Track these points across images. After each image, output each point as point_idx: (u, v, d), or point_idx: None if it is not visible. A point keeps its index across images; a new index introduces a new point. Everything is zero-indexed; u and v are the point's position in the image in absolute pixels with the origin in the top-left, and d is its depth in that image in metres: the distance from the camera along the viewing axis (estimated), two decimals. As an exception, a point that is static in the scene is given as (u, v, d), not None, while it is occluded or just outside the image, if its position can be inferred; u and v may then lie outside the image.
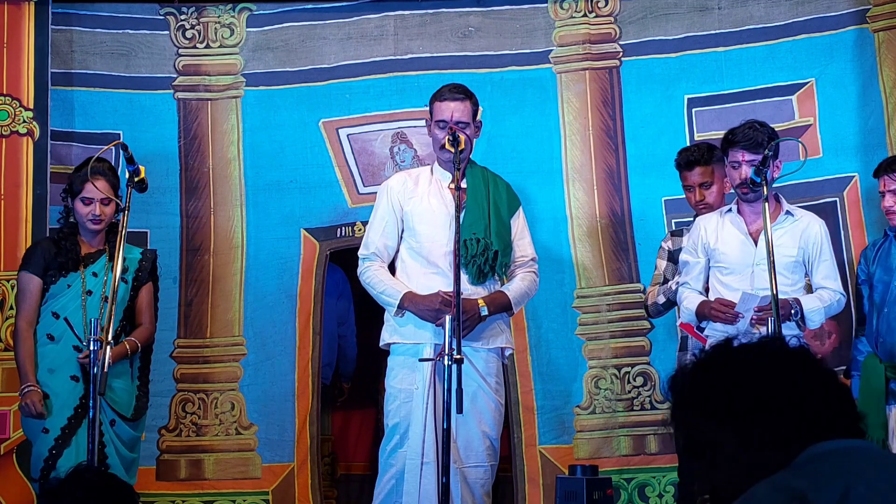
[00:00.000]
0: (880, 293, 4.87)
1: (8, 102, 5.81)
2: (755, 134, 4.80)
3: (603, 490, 4.66)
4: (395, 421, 4.82)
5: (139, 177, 4.67)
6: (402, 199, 4.93)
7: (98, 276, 4.91)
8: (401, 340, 4.85)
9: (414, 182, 4.96)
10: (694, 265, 4.97)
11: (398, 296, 4.80)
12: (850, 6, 5.91)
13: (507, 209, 4.97)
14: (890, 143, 5.77)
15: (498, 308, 4.84)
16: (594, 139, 6.02)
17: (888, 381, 4.81)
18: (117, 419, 4.85)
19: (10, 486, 5.56)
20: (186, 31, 6.07)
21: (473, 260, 4.81)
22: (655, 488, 5.83)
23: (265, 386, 5.88)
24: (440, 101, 4.88)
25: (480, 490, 4.81)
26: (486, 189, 4.93)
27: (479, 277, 4.83)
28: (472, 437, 4.79)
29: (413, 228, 4.90)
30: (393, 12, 6.09)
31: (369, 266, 4.93)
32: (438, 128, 4.87)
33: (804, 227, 4.89)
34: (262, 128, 6.04)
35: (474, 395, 4.76)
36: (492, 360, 4.88)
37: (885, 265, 4.89)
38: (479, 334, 4.81)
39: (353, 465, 6.94)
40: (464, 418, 4.66)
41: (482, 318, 4.77)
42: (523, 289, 4.94)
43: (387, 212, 4.94)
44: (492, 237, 4.84)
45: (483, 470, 4.82)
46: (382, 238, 4.93)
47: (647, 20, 6.05)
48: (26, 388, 4.81)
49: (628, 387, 5.88)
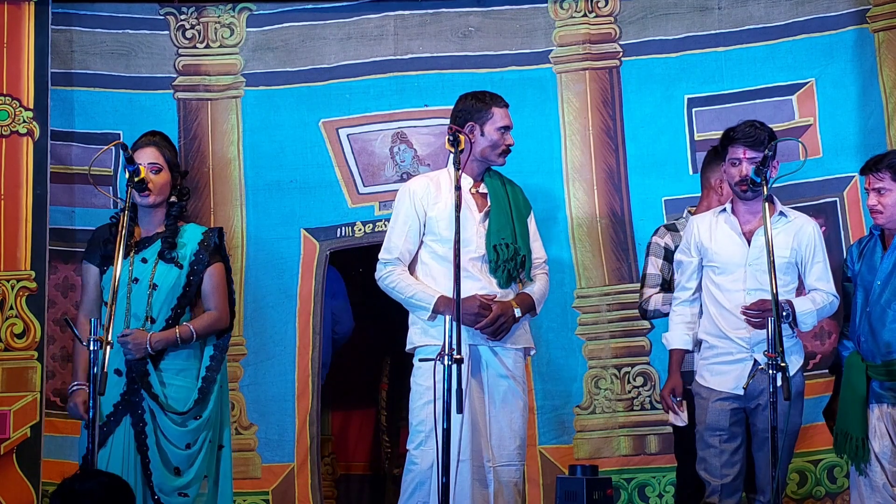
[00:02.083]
0: (864, 293, 4.88)
1: (8, 102, 5.81)
2: (756, 132, 4.82)
3: (603, 490, 4.67)
4: (420, 419, 4.83)
5: (139, 177, 4.65)
6: (425, 205, 4.95)
7: (147, 263, 4.77)
8: (433, 342, 4.80)
9: (436, 187, 4.98)
10: (687, 265, 5.01)
11: (431, 300, 4.84)
12: (850, 6, 5.92)
13: (526, 213, 5.07)
14: (890, 142, 5.77)
15: (526, 309, 4.94)
16: (594, 139, 6.02)
17: (870, 380, 4.83)
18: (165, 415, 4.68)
19: (10, 486, 5.56)
20: (186, 31, 6.07)
21: (504, 265, 4.88)
22: (655, 488, 5.83)
23: (265, 386, 5.88)
24: (500, 108, 4.98)
25: (514, 489, 4.88)
26: (507, 194, 4.99)
27: (508, 281, 4.91)
28: (504, 436, 4.86)
29: (438, 234, 4.91)
30: (393, 12, 6.09)
31: (392, 270, 4.94)
32: (499, 133, 4.95)
33: (798, 228, 4.90)
34: (262, 128, 6.04)
35: (505, 394, 4.87)
36: (519, 360, 4.98)
37: (870, 264, 4.90)
38: (510, 335, 4.89)
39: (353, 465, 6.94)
40: (496, 418, 4.81)
41: (516, 319, 4.86)
42: (543, 290, 5.06)
43: (410, 216, 4.95)
44: (519, 242, 4.93)
45: (515, 469, 4.89)
46: (406, 243, 4.95)
47: (647, 20, 6.06)
48: (74, 387, 4.76)
49: (628, 387, 5.88)
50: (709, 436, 4.84)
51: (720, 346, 4.87)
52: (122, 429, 4.65)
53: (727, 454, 4.82)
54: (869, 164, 4.91)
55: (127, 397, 4.68)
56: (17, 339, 5.68)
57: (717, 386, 4.84)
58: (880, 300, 4.82)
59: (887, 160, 4.86)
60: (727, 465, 4.82)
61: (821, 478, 5.77)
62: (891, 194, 4.83)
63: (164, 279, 4.77)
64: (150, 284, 4.72)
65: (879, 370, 4.80)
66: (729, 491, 4.82)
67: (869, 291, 4.86)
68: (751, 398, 4.80)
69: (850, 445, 4.82)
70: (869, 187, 4.89)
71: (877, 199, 4.85)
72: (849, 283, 4.99)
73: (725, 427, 4.82)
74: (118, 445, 4.62)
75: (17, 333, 5.68)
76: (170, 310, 4.78)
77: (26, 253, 5.70)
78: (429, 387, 4.75)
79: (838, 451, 4.91)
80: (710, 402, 4.84)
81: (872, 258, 4.90)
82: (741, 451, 4.85)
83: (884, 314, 4.81)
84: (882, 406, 4.82)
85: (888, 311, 4.80)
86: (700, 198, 5.41)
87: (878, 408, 4.82)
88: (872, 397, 4.84)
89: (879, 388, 4.82)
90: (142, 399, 4.68)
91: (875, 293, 4.83)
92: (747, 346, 4.80)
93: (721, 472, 4.82)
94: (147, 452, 4.66)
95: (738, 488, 4.84)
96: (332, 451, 6.73)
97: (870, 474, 4.79)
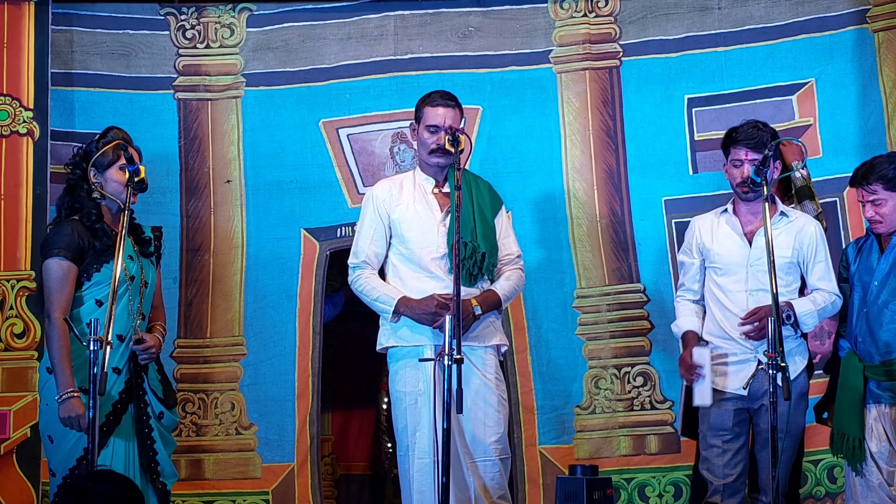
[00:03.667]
0: (860, 293, 4.88)
1: (8, 102, 5.81)
2: (759, 133, 4.82)
3: (603, 490, 4.67)
4: (402, 424, 4.89)
5: (139, 177, 4.64)
6: (388, 207, 5.00)
7: (135, 260, 4.72)
8: (399, 343, 4.91)
9: (399, 189, 5.03)
10: (689, 266, 5.01)
11: (393, 301, 4.88)
12: (850, 6, 5.92)
13: (491, 210, 5.05)
14: (890, 143, 5.78)
15: (490, 306, 4.93)
16: (594, 139, 6.02)
17: (867, 380, 4.82)
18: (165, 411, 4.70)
19: (10, 486, 5.57)
20: (186, 31, 6.07)
21: (463, 263, 4.87)
22: (655, 488, 5.83)
23: (265, 386, 5.88)
24: (431, 107, 4.96)
25: (491, 483, 4.86)
26: (470, 193, 5.00)
27: (470, 279, 4.91)
28: (477, 432, 4.85)
29: (402, 235, 4.97)
30: (393, 12, 6.09)
31: (360, 274, 5.00)
32: (428, 132, 4.94)
33: (799, 228, 4.90)
34: (262, 128, 6.04)
35: (476, 391, 4.84)
36: (489, 357, 4.95)
37: (867, 265, 4.90)
38: (473, 333, 4.88)
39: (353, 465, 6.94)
40: (468, 415, 4.77)
41: (476, 316, 4.86)
42: (511, 286, 5.04)
43: (374, 220, 5.01)
44: (478, 240, 4.93)
45: (492, 464, 4.87)
46: (372, 246, 5.00)
47: (647, 20, 6.06)
48: (67, 395, 4.46)
49: (628, 387, 5.88)
50: (712, 436, 4.84)
51: (724, 347, 4.87)
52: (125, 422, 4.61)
53: (730, 454, 4.82)
54: (857, 177, 4.87)
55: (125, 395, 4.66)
56: (17, 339, 5.68)
57: (720, 386, 4.84)
58: (878, 301, 4.82)
59: (876, 172, 4.81)
60: (730, 465, 4.82)
61: (821, 478, 5.77)
62: (886, 203, 4.81)
63: (152, 276, 4.81)
64: (142, 282, 4.72)
65: (877, 370, 4.80)
66: (731, 491, 4.82)
67: (866, 292, 4.86)
68: (755, 399, 4.80)
69: (847, 445, 4.82)
70: (863, 200, 4.87)
71: (874, 211, 4.83)
72: (845, 284, 4.99)
73: (729, 427, 4.82)
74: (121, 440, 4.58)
75: (17, 333, 5.68)
76: (150, 307, 4.81)
77: (26, 253, 5.70)
78: (407, 391, 4.83)
79: (835, 451, 4.91)
80: (714, 403, 4.84)
81: (869, 259, 4.90)
82: (744, 451, 4.85)
83: (881, 314, 4.81)
84: (879, 406, 4.82)
85: (885, 311, 4.80)
86: None
87: (875, 408, 4.82)
88: (869, 397, 4.84)
89: (877, 388, 4.82)
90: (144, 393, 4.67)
91: (872, 294, 4.83)
92: (751, 347, 4.80)
93: (723, 472, 4.82)
94: (151, 433, 4.65)
95: (740, 489, 4.84)
96: (332, 451, 6.73)
97: (866, 474, 4.79)
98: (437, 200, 4.99)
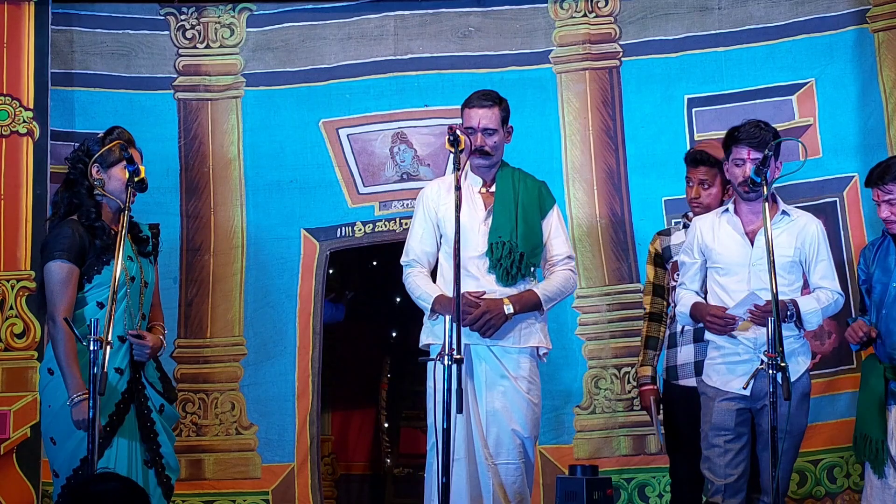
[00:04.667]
0: (879, 294, 4.87)
1: (8, 102, 5.81)
2: (760, 132, 4.80)
3: (603, 490, 4.66)
4: (431, 419, 4.86)
5: (139, 177, 4.63)
6: (436, 207, 5.00)
7: (133, 260, 4.70)
8: (436, 341, 4.88)
9: (447, 189, 5.00)
10: (690, 265, 4.98)
11: (430, 299, 4.90)
12: (850, 6, 5.92)
13: (539, 210, 5.01)
14: (890, 143, 5.78)
15: (526, 307, 4.89)
16: (594, 139, 6.02)
17: (888, 381, 4.81)
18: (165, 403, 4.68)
19: (10, 486, 5.57)
20: (186, 31, 6.07)
21: (500, 262, 4.87)
22: (655, 488, 5.83)
23: (265, 386, 5.88)
24: (469, 109, 4.96)
25: (511, 487, 4.86)
26: (514, 191, 4.98)
27: (508, 279, 4.89)
28: (502, 434, 4.85)
29: (446, 234, 4.96)
30: (393, 12, 6.09)
31: (409, 272, 5.02)
32: (467, 135, 4.91)
33: (801, 227, 4.89)
34: (262, 128, 6.05)
35: (505, 393, 4.85)
36: (523, 360, 4.93)
37: (884, 266, 4.89)
38: (508, 333, 4.87)
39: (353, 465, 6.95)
40: (495, 416, 4.81)
41: (508, 316, 4.82)
42: (554, 287, 4.98)
43: (423, 219, 5.03)
44: (518, 239, 4.90)
45: (514, 467, 4.86)
46: (420, 245, 5.02)
47: (647, 20, 6.06)
48: (79, 398, 4.41)
49: (628, 387, 5.89)
50: (713, 435, 4.84)
51: (726, 347, 4.85)
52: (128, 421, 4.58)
53: (731, 454, 4.81)
54: (872, 177, 4.88)
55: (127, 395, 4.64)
56: (17, 339, 5.68)
57: (723, 386, 4.84)
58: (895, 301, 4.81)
59: (892, 172, 4.82)
60: (731, 465, 4.81)
61: (821, 478, 5.77)
62: None
63: (151, 276, 4.80)
64: (142, 282, 4.72)
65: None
66: (732, 491, 4.81)
67: (884, 293, 4.84)
68: (757, 399, 4.79)
69: (870, 448, 4.80)
70: (878, 199, 4.87)
71: (889, 211, 4.84)
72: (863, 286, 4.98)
73: (731, 427, 4.81)
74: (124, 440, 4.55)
75: (17, 333, 5.68)
76: (149, 306, 4.80)
77: (26, 253, 5.70)
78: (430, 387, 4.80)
79: (858, 455, 4.88)
80: (716, 402, 4.83)
81: (886, 260, 4.89)
82: (745, 451, 4.84)
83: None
84: None
85: (904, 311, 4.80)
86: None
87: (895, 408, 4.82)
88: (890, 398, 4.82)
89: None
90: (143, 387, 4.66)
91: (890, 295, 4.82)
92: (753, 347, 4.79)
93: (725, 472, 4.81)
94: (154, 427, 4.64)
95: (741, 488, 4.83)
96: (332, 451, 6.74)
97: (887, 476, 4.78)
98: (482, 200, 4.98)
